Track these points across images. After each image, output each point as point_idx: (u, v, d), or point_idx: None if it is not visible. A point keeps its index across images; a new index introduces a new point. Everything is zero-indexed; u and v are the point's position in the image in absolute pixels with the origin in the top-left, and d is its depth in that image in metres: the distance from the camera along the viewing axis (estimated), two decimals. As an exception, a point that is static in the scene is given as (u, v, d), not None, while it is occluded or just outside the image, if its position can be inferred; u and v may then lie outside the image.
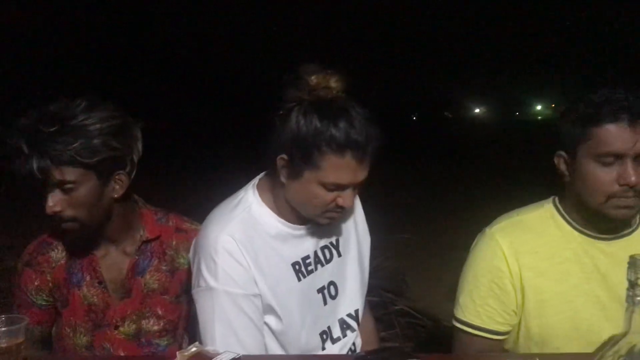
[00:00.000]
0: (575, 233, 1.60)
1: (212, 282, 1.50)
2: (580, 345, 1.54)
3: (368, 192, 1.62)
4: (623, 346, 0.64)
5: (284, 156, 1.49)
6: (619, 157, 1.46)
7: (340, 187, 1.49)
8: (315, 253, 1.66)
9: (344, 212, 1.60)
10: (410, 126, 33.48)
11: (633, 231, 1.61)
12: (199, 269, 1.54)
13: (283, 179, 1.52)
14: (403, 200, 8.75)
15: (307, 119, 1.43)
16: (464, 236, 1.83)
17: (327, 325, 1.67)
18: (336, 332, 1.69)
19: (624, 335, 0.64)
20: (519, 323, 1.62)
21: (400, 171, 11.73)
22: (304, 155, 1.44)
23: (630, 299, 0.61)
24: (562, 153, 1.57)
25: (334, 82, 1.48)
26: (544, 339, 1.59)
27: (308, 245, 1.65)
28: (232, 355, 1.33)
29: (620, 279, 1.53)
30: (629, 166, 1.46)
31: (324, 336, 1.65)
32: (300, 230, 1.63)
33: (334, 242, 1.72)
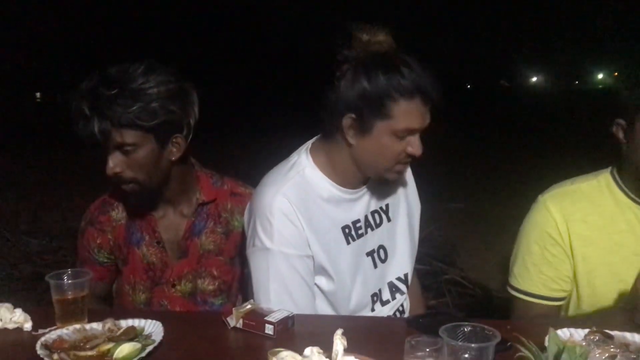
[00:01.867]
0: (631, 203, 1.57)
1: (267, 242, 1.53)
2: None
3: (422, 162, 1.62)
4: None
5: (352, 115, 1.50)
6: None
7: (411, 132, 1.51)
8: (366, 217, 1.67)
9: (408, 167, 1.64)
10: (465, 95, 32.83)
11: None
12: (254, 230, 1.57)
13: (351, 140, 1.54)
14: (457, 169, 8.63)
15: (371, 74, 1.46)
16: (518, 207, 1.80)
17: (378, 288, 1.69)
18: (386, 294, 1.70)
19: None
20: (571, 290, 1.61)
21: (455, 140, 11.56)
22: (374, 108, 1.47)
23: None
24: (621, 121, 1.53)
25: (383, 37, 1.50)
26: (594, 304, 1.57)
27: (359, 209, 1.66)
28: (286, 313, 1.36)
29: None
30: None
31: (374, 298, 1.67)
32: (352, 194, 1.64)
33: (384, 207, 1.73)
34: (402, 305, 1.74)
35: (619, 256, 1.55)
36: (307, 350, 0.94)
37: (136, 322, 1.33)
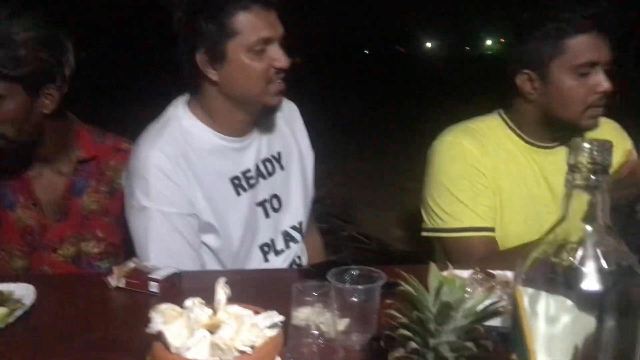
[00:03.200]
0: (522, 142, 1.66)
1: (144, 201, 1.46)
2: None
3: (321, 122, 1.61)
4: (560, 233, 0.63)
5: (202, 48, 1.46)
6: (593, 66, 1.51)
7: (265, 42, 1.47)
8: (257, 166, 1.63)
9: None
10: (363, 60, 33.31)
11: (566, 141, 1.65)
12: (130, 188, 1.49)
13: (213, 76, 1.49)
14: (355, 130, 8.77)
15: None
16: (413, 165, 1.82)
17: (270, 238, 1.66)
18: (280, 244, 1.68)
19: (561, 221, 0.63)
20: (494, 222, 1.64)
21: (353, 102, 11.73)
22: (218, 30, 1.43)
23: (568, 183, 0.60)
24: (528, 72, 1.58)
25: None
26: (502, 240, 1.62)
27: (249, 158, 1.62)
28: (172, 270, 1.30)
29: (560, 183, 1.59)
30: (601, 74, 1.51)
31: (266, 248, 1.64)
32: (238, 142, 1.59)
33: (276, 155, 1.70)
34: (298, 257, 1.73)
35: (525, 187, 1.63)
36: (189, 302, 0.89)
37: (4, 287, 1.22)
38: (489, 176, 1.62)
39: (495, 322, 0.84)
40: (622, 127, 1.79)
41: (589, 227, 0.62)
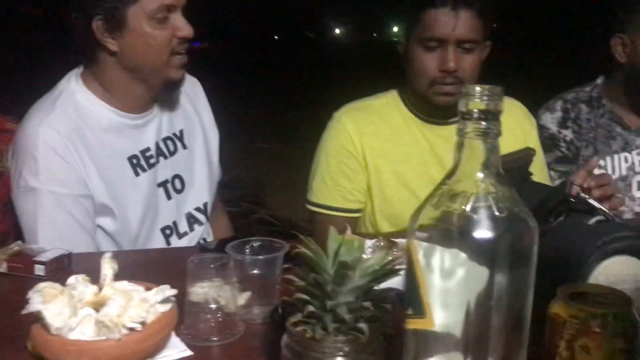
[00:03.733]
0: (415, 118, 1.68)
1: (33, 181, 1.35)
2: None
3: (231, 106, 1.56)
4: (452, 183, 0.61)
5: (99, 16, 1.36)
6: (442, 42, 1.51)
7: (168, 9, 1.40)
8: (157, 145, 1.55)
9: None
10: (273, 45, 33.13)
11: None
12: (17, 169, 1.38)
13: (112, 46, 1.40)
14: (265, 113, 8.72)
15: None
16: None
17: (172, 220, 1.58)
18: (183, 226, 1.60)
19: (453, 170, 0.61)
20: (368, 202, 1.67)
21: (263, 87, 11.68)
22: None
23: (460, 132, 0.58)
24: (402, 41, 1.64)
25: None
26: (388, 217, 1.65)
27: (148, 136, 1.53)
28: (61, 252, 1.20)
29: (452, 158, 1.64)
30: (450, 52, 1.51)
31: (168, 231, 1.57)
32: (137, 119, 1.50)
33: (178, 134, 1.62)
34: (204, 239, 1.66)
35: (407, 166, 1.65)
36: (72, 279, 0.82)
37: None
38: (363, 157, 1.64)
39: (394, 284, 0.83)
40: None
41: (480, 174, 0.61)
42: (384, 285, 0.76)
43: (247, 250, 1.03)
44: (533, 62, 14.23)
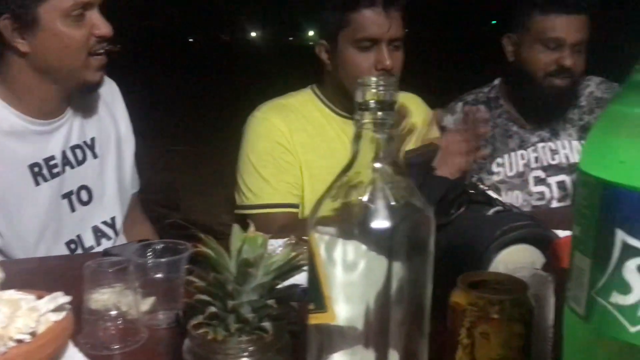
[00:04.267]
0: (334, 115, 1.70)
1: None
2: None
3: (143, 108, 1.49)
4: (350, 174, 0.61)
5: (6, 14, 1.27)
6: (375, 42, 1.54)
7: (84, 6, 1.32)
8: (64, 153, 1.45)
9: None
10: (187, 48, 32.58)
11: None
12: None
13: (21, 46, 1.30)
14: (179, 115, 8.56)
15: None
16: (237, 148, 1.78)
17: (77, 234, 1.49)
18: (88, 240, 1.51)
19: (351, 162, 0.61)
20: (302, 197, 1.67)
21: (176, 89, 11.46)
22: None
23: (357, 122, 0.58)
24: (323, 42, 1.62)
25: None
26: None
27: (54, 144, 1.43)
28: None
29: None
30: (384, 51, 1.55)
31: (72, 245, 1.47)
32: (44, 125, 1.40)
33: (89, 142, 1.52)
34: None
35: (334, 160, 1.65)
36: (-51, 290, 0.75)
37: None
38: (296, 152, 1.65)
39: (302, 280, 0.82)
40: None
41: (377, 165, 0.61)
42: (290, 281, 0.75)
43: (150, 254, 0.99)
44: (439, 61, 14.74)
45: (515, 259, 0.91)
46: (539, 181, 1.94)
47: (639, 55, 0.48)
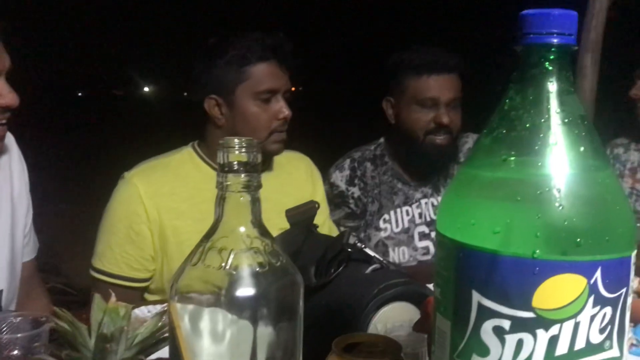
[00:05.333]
0: (214, 172, 1.62)
1: None
2: None
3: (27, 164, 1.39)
4: (215, 239, 0.58)
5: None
6: (274, 93, 1.59)
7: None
8: None
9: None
10: (75, 102, 31.46)
11: (265, 170, 1.70)
12: None
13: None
14: (64, 173, 8.13)
15: None
16: None
17: None
18: None
19: (215, 226, 0.58)
20: (162, 268, 1.57)
21: (64, 143, 10.98)
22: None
23: (220, 185, 0.56)
24: (215, 97, 1.59)
25: None
26: None
27: None
28: None
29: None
30: (282, 101, 1.61)
31: None
32: None
33: None
34: None
35: (208, 223, 1.57)
36: None
37: None
38: (158, 221, 1.55)
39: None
40: None
41: (242, 229, 0.59)
42: (156, 355, 0.70)
43: (5, 328, 0.89)
44: (329, 116, 15.18)
45: (394, 318, 0.91)
46: (424, 236, 2.00)
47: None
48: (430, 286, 0.95)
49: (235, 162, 0.59)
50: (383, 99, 2.01)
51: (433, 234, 1.98)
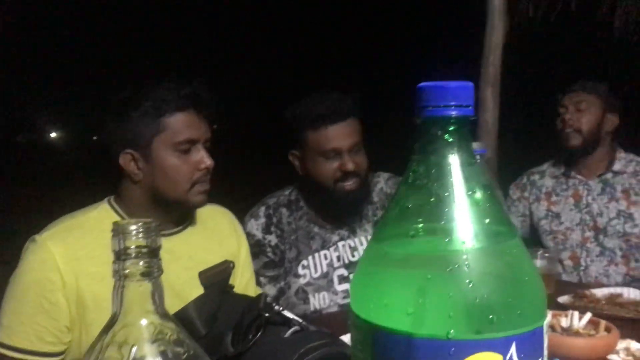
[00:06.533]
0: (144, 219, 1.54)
1: None
2: None
3: None
4: (116, 331, 0.53)
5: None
6: (193, 143, 1.52)
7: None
8: None
9: None
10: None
11: (186, 227, 1.63)
12: None
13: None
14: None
15: None
16: None
17: None
18: None
19: (114, 317, 0.54)
20: (80, 337, 1.44)
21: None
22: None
23: (117, 274, 0.51)
24: (130, 151, 1.51)
25: None
26: None
27: None
28: None
29: (179, 274, 1.53)
30: (203, 150, 1.54)
31: None
32: None
33: None
34: None
35: None
36: None
37: None
38: (75, 287, 1.42)
39: None
40: None
41: (144, 320, 0.54)
42: None
43: None
44: (243, 158, 15.07)
45: (317, 381, 0.88)
46: (343, 279, 1.98)
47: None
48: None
49: (133, 248, 0.54)
50: (288, 152, 1.99)
51: (352, 276, 1.96)
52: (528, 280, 0.47)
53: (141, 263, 0.55)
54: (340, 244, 1.99)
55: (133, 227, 0.54)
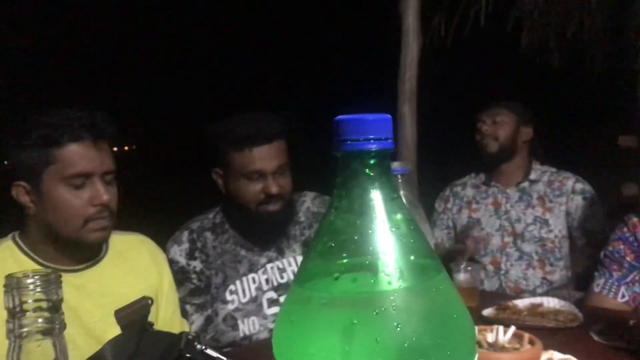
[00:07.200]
0: (40, 268, 1.43)
1: None
2: None
3: None
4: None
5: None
6: (88, 177, 1.42)
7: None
8: None
9: None
10: None
11: (100, 260, 1.54)
12: None
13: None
14: None
15: None
16: None
17: None
18: None
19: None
20: None
21: None
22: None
23: (11, 333, 0.46)
24: (22, 183, 1.41)
25: None
26: None
27: None
28: None
29: (92, 312, 1.44)
30: (99, 185, 1.43)
31: None
32: None
33: None
34: None
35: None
36: None
37: None
38: None
39: None
40: None
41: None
42: None
43: None
44: (164, 178, 14.63)
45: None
46: (272, 302, 1.93)
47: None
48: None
49: (31, 302, 0.49)
50: (211, 170, 1.93)
51: (282, 299, 1.92)
52: (457, 318, 0.46)
53: (40, 320, 0.49)
54: (268, 266, 1.94)
55: (29, 281, 0.49)
